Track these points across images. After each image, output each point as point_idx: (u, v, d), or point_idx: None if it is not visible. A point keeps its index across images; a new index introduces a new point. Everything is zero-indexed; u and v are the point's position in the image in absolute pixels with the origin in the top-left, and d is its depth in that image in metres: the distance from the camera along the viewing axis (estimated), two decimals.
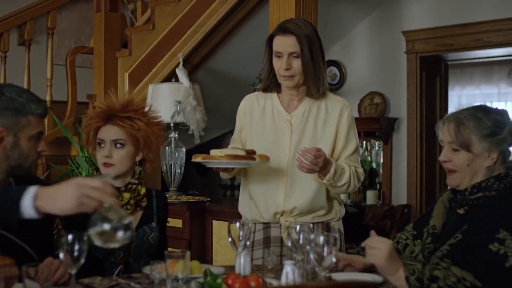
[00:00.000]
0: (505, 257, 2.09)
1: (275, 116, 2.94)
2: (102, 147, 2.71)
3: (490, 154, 2.32)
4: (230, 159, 2.73)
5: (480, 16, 5.80)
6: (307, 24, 2.91)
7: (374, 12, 6.46)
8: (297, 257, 2.32)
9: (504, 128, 2.32)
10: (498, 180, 2.30)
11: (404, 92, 6.28)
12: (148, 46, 5.43)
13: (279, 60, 2.86)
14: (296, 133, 2.91)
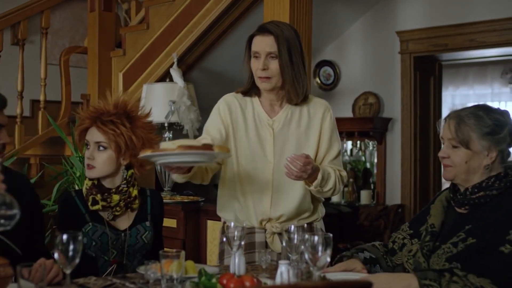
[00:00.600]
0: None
1: (256, 120, 2.85)
2: (88, 148, 2.73)
3: (489, 153, 2.33)
4: (184, 149, 2.32)
5: (474, 17, 5.81)
6: (288, 27, 2.83)
7: (368, 12, 6.47)
8: (292, 257, 2.33)
9: (504, 127, 2.33)
10: (498, 179, 2.32)
11: (398, 92, 6.30)
12: (142, 46, 5.42)
13: (256, 61, 2.77)
14: (279, 140, 2.83)
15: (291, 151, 2.76)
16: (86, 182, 2.76)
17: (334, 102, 6.74)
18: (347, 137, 6.59)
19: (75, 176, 4.77)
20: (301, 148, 2.82)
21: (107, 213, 2.73)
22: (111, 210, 2.71)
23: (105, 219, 2.72)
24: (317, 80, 6.81)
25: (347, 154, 6.88)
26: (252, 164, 2.81)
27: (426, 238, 2.40)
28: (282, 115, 2.86)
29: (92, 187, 2.73)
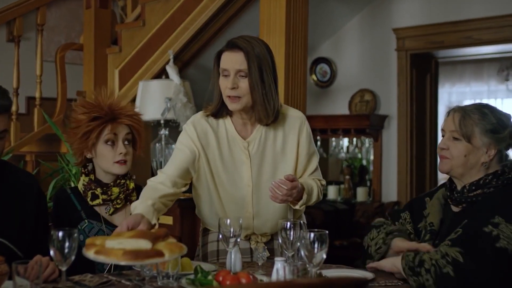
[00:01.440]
0: (497, 238, 2.14)
1: (230, 143, 2.69)
2: (111, 145, 2.69)
3: (488, 150, 2.36)
4: (130, 259, 1.98)
5: (471, 14, 5.82)
6: (260, 43, 2.63)
7: (365, 9, 6.47)
8: (288, 254, 2.33)
9: (506, 128, 2.36)
10: (495, 177, 2.34)
11: (394, 90, 6.30)
12: (138, 43, 5.41)
13: (225, 79, 2.57)
14: (255, 161, 2.68)
15: (268, 172, 2.69)
16: (83, 178, 2.75)
17: (330, 99, 6.75)
18: (344, 134, 6.60)
19: (71, 173, 4.76)
20: (278, 167, 2.71)
21: (105, 208, 2.72)
22: (112, 203, 2.71)
23: (101, 216, 2.71)
24: (313, 77, 6.81)
25: (344, 151, 6.89)
26: (230, 188, 2.70)
27: (426, 237, 2.41)
28: (257, 135, 2.69)
29: (90, 182, 2.73)
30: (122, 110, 2.73)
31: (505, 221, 2.16)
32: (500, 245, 2.13)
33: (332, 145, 6.95)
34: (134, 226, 2.31)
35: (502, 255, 2.12)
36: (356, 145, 6.88)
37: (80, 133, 2.69)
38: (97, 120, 2.68)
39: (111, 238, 2.05)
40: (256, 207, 2.71)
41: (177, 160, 2.67)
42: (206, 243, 2.89)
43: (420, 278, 2.18)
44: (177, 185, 2.64)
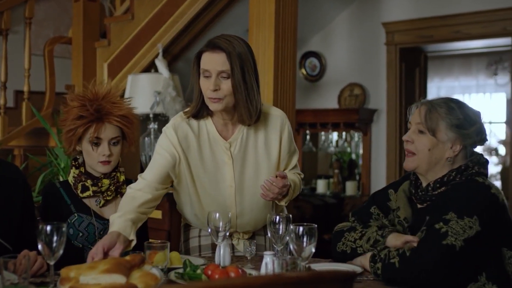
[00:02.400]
0: (445, 235, 2.15)
1: (212, 144, 2.65)
2: (97, 145, 2.67)
3: (453, 146, 2.34)
4: None
5: (460, 8, 5.83)
6: (241, 42, 2.55)
7: (354, 3, 6.47)
8: (277, 248, 2.33)
9: (473, 125, 2.34)
10: (459, 172, 2.33)
11: (383, 84, 6.31)
12: (127, 36, 5.39)
13: (206, 80, 2.51)
14: (238, 162, 2.66)
15: (250, 172, 2.67)
16: (73, 170, 2.74)
17: (320, 93, 6.75)
18: (333, 128, 6.61)
19: (60, 167, 4.74)
20: (261, 166, 2.69)
21: (95, 201, 2.71)
22: (102, 195, 2.70)
23: (91, 209, 2.70)
24: (303, 71, 6.81)
25: (333, 145, 6.90)
26: (212, 190, 2.68)
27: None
28: (238, 135, 2.66)
29: (81, 175, 2.72)
30: (112, 109, 2.68)
31: (457, 217, 2.16)
32: (447, 242, 2.13)
33: (321, 139, 6.96)
34: (110, 247, 2.30)
35: (448, 252, 2.12)
36: (345, 139, 6.89)
37: (66, 129, 2.69)
38: (82, 119, 2.66)
39: (85, 272, 2.02)
40: (240, 207, 2.69)
41: (157, 165, 2.63)
42: (187, 238, 2.88)
43: (375, 265, 2.24)
44: (157, 191, 2.61)
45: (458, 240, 2.13)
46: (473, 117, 2.36)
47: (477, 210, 2.18)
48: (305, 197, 6.26)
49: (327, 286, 1.41)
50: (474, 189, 2.26)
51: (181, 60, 5.53)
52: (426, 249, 2.16)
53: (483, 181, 2.28)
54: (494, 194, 2.23)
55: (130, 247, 2.41)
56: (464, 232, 2.13)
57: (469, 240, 2.13)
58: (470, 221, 2.15)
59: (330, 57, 6.71)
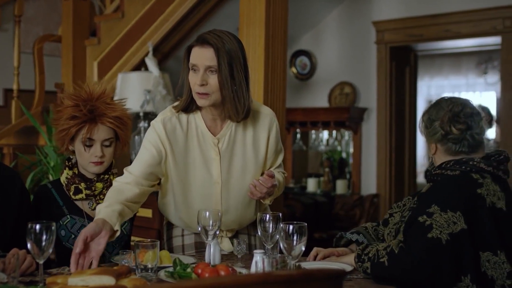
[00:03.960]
0: (430, 228, 2.16)
1: (200, 139, 2.64)
2: (89, 146, 2.66)
3: (430, 145, 2.44)
4: None
5: (450, 7, 5.85)
6: (231, 38, 2.54)
7: (344, 2, 6.48)
8: (267, 246, 2.33)
9: (434, 121, 2.40)
10: (457, 163, 2.34)
11: (374, 82, 6.32)
12: (117, 34, 5.38)
13: (194, 75, 2.51)
14: (225, 158, 2.65)
15: (237, 169, 2.67)
16: (67, 171, 2.71)
17: (310, 92, 6.76)
18: (323, 126, 6.62)
19: (49, 166, 4.73)
20: (248, 164, 2.69)
21: (88, 203, 2.69)
22: (95, 198, 2.69)
23: (84, 211, 2.68)
24: (293, 69, 6.81)
25: (323, 144, 6.91)
26: (198, 186, 2.67)
27: (405, 212, 2.43)
28: (227, 131, 2.65)
29: (74, 176, 2.69)
30: (106, 110, 2.65)
31: (440, 210, 2.18)
32: (433, 235, 2.14)
33: (311, 137, 6.97)
34: (93, 236, 2.28)
35: (435, 245, 2.13)
36: (336, 138, 6.90)
37: (58, 129, 2.67)
38: (76, 119, 2.64)
39: (73, 276, 2.01)
40: (225, 204, 2.68)
41: (144, 160, 2.62)
42: (170, 237, 2.87)
43: (363, 264, 2.24)
44: (143, 186, 2.60)
45: (444, 234, 2.13)
46: (435, 114, 2.40)
47: (461, 207, 2.19)
48: (295, 196, 6.27)
49: (317, 285, 1.41)
50: (459, 185, 2.27)
51: (171, 59, 5.52)
52: (412, 245, 2.16)
53: (476, 178, 2.28)
54: (479, 194, 2.24)
55: (113, 238, 2.39)
56: (448, 226, 2.14)
57: (454, 236, 2.14)
58: (454, 216, 2.16)
59: (320, 55, 6.72)
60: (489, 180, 2.28)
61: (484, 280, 2.17)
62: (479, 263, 2.17)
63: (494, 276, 2.17)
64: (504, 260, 2.19)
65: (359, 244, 2.51)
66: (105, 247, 2.34)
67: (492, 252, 2.19)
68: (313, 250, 2.55)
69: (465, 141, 2.35)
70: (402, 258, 2.15)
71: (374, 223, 2.68)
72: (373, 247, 2.27)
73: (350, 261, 2.36)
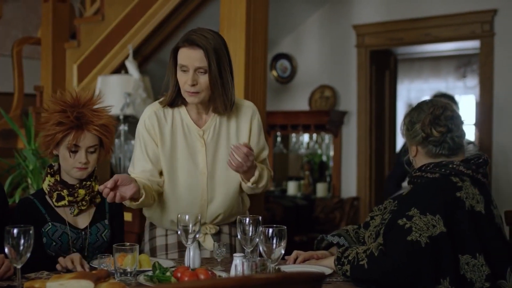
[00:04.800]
0: (409, 231, 2.17)
1: (185, 131, 2.74)
2: (74, 152, 2.65)
3: (411, 147, 2.45)
4: None
5: (429, 11, 5.89)
6: (215, 36, 2.65)
7: (325, 6, 6.50)
8: (247, 250, 2.33)
9: (414, 124, 2.41)
10: (437, 166, 2.36)
11: (354, 86, 6.35)
12: (97, 37, 5.36)
13: (184, 75, 2.61)
14: (210, 149, 2.75)
15: (222, 159, 2.73)
16: (49, 178, 2.70)
17: (291, 95, 6.77)
18: (304, 130, 6.63)
19: (28, 169, 4.69)
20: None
21: (69, 210, 2.67)
22: (77, 205, 2.67)
23: (66, 219, 2.66)
24: (274, 73, 6.82)
25: (304, 147, 6.92)
26: (184, 177, 2.74)
27: (385, 215, 2.44)
28: (211, 123, 2.75)
29: (56, 183, 2.68)
30: (93, 118, 2.66)
31: (420, 213, 2.19)
32: (412, 238, 2.15)
33: (292, 141, 6.98)
34: (124, 181, 2.46)
35: (414, 248, 2.14)
36: (316, 141, 6.91)
37: (44, 133, 2.65)
38: (62, 125, 2.63)
39: (51, 280, 2.01)
40: (211, 194, 2.76)
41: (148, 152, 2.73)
42: (154, 237, 2.89)
43: (342, 267, 2.25)
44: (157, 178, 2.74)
45: (423, 237, 2.15)
46: (416, 116, 2.41)
47: (441, 210, 2.20)
48: (276, 199, 6.27)
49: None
50: (439, 188, 2.28)
51: (152, 62, 5.51)
52: (392, 248, 2.17)
53: (456, 182, 2.30)
54: (459, 197, 2.25)
55: (137, 201, 2.57)
56: (427, 229, 2.15)
57: (433, 239, 2.15)
58: (433, 219, 2.17)
59: (301, 59, 6.73)
60: (468, 184, 2.30)
61: (463, 283, 2.18)
62: (458, 266, 2.19)
63: (473, 279, 2.18)
64: (483, 263, 2.20)
65: (340, 247, 2.52)
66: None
67: (471, 255, 2.20)
68: (293, 253, 2.56)
69: (445, 144, 2.36)
70: (382, 261, 2.16)
71: (355, 226, 2.69)
72: (353, 250, 2.28)
73: (330, 264, 2.37)
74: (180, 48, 2.62)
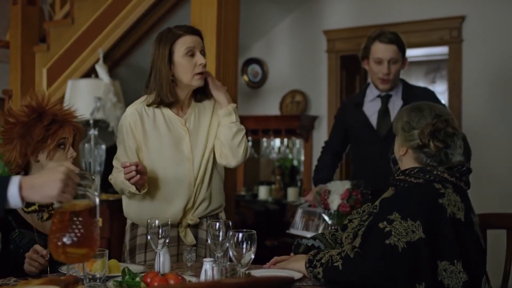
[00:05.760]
0: (388, 234, 2.18)
1: (168, 123, 2.91)
2: (62, 148, 2.63)
3: (401, 146, 2.44)
4: None
5: (398, 17, 5.94)
6: None
7: (296, 11, 6.53)
8: (217, 254, 2.33)
9: (413, 129, 2.40)
10: (422, 171, 2.37)
11: (324, 91, 6.38)
12: (67, 41, 5.32)
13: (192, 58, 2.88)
14: (194, 135, 2.93)
15: (202, 142, 2.93)
16: None
17: (262, 100, 6.78)
18: (275, 134, 6.64)
19: None
20: (210, 137, 2.96)
21: (37, 215, 2.65)
22: (47, 209, 2.64)
23: (33, 225, 2.63)
24: (245, 77, 6.83)
25: (275, 152, 6.93)
26: (171, 166, 2.86)
27: (364, 217, 2.45)
28: (192, 112, 2.95)
29: None
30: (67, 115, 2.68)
31: (401, 218, 2.20)
32: (390, 242, 2.16)
33: (263, 145, 6.99)
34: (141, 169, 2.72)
35: (391, 252, 2.15)
36: (287, 146, 6.93)
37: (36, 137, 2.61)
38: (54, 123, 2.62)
39: (19, 286, 1.99)
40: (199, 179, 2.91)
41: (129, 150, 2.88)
42: (135, 236, 2.95)
43: (314, 270, 2.26)
44: None
45: (401, 242, 2.15)
46: (416, 120, 2.40)
47: (421, 216, 2.21)
48: (247, 204, 6.27)
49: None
50: (421, 194, 2.29)
51: (122, 66, 5.48)
52: (369, 250, 2.18)
53: (438, 188, 2.31)
54: (441, 204, 2.26)
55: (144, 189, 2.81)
56: (406, 235, 2.16)
57: (411, 244, 2.16)
58: (413, 225, 2.18)
59: (272, 64, 6.75)
60: (451, 191, 2.31)
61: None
62: (436, 272, 2.20)
63: (450, 285, 2.20)
64: (460, 270, 2.21)
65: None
66: None
67: (450, 261, 2.21)
68: (273, 259, 2.56)
69: (437, 157, 2.38)
70: (358, 263, 2.16)
71: (332, 229, 2.70)
72: (325, 253, 2.28)
73: (300, 267, 2.37)
74: (178, 38, 2.86)
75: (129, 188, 2.79)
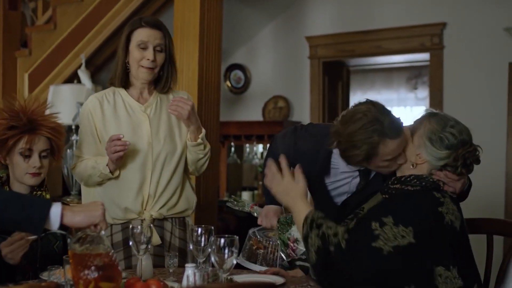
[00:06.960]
0: (376, 237, 2.16)
1: (128, 110, 2.95)
2: (29, 157, 2.62)
3: (420, 154, 2.39)
4: None
5: (380, 24, 5.98)
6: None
7: (279, 17, 6.55)
8: (199, 260, 2.33)
9: (446, 149, 2.36)
10: (417, 178, 2.37)
11: (307, 96, 6.40)
12: (49, 46, 5.30)
13: (142, 52, 2.89)
14: (154, 122, 2.95)
15: (164, 134, 2.94)
16: None
17: (244, 106, 6.79)
18: (257, 140, 6.64)
19: None
20: (173, 130, 2.98)
21: None
22: None
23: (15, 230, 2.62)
24: (228, 83, 6.83)
25: (258, 157, 6.94)
26: (129, 152, 2.84)
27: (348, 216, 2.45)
28: (153, 101, 2.99)
29: None
30: (43, 121, 2.66)
31: (393, 223, 2.18)
32: (376, 245, 2.15)
33: (246, 151, 6.99)
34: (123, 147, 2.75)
35: (375, 254, 2.14)
36: None
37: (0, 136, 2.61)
38: (14, 129, 2.60)
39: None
40: (157, 165, 2.91)
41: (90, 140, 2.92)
42: (110, 234, 2.92)
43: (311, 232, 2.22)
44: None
45: (387, 246, 2.14)
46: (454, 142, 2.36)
47: (414, 222, 2.20)
48: (229, 209, 6.25)
49: None
50: (420, 201, 2.29)
51: (105, 71, 5.47)
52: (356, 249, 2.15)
53: (438, 197, 2.30)
54: (440, 212, 2.26)
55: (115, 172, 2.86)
56: (395, 239, 2.15)
57: (399, 249, 2.16)
58: (404, 230, 2.16)
59: (254, 69, 6.77)
60: (449, 200, 2.31)
61: None
62: (433, 276, 2.20)
63: None
64: (455, 276, 2.22)
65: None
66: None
67: (445, 267, 2.22)
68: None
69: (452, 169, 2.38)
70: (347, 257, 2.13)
71: None
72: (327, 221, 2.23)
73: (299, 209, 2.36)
74: (138, 28, 2.89)
75: (101, 170, 2.82)
